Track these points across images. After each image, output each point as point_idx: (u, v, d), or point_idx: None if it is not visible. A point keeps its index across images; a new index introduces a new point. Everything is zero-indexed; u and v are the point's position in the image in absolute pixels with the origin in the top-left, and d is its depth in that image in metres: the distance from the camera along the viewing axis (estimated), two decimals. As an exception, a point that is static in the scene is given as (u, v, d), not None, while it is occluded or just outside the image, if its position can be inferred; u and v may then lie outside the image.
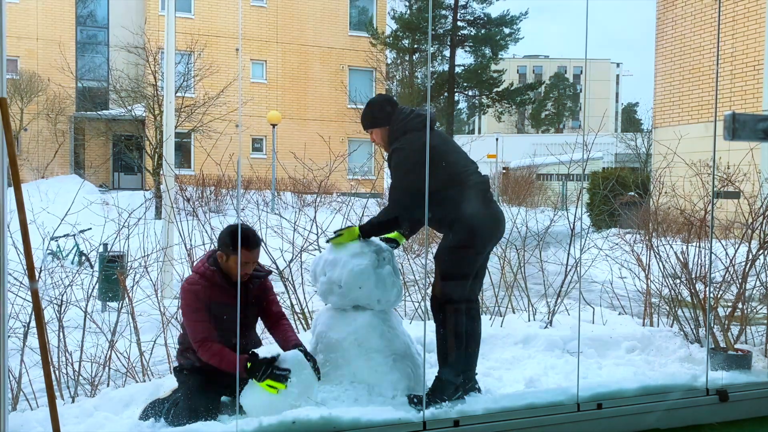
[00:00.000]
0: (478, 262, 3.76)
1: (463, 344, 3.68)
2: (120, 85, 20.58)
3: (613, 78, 55.93)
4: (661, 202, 6.79)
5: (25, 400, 4.19)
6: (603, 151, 28.27)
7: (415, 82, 28.76)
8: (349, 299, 3.75)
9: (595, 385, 3.84)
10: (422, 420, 3.30)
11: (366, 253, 3.72)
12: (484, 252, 3.82)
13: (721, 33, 13.53)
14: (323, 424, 3.18)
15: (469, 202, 3.69)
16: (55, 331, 4.40)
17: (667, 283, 5.60)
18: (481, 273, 3.87)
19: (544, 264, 6.15)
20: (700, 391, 3.89)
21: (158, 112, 18.78)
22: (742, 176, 6.17)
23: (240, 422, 3.16)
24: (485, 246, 3.80)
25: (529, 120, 53.18)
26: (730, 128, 2.77)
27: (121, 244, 5.19)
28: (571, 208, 6.62)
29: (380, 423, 3.25)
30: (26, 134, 21.88)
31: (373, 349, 3.67)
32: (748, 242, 5.31)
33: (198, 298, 3.52)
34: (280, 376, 3.37)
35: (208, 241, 5.17)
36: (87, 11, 25.87)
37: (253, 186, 21.22)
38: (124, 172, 25.27)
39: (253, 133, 25.26)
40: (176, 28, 10.18)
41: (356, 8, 28.76)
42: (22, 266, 3.65)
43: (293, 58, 26.52)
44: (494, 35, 29.16)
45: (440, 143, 3.78)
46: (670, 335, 5.28)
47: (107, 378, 4.47)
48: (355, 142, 23.48)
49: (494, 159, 26.19)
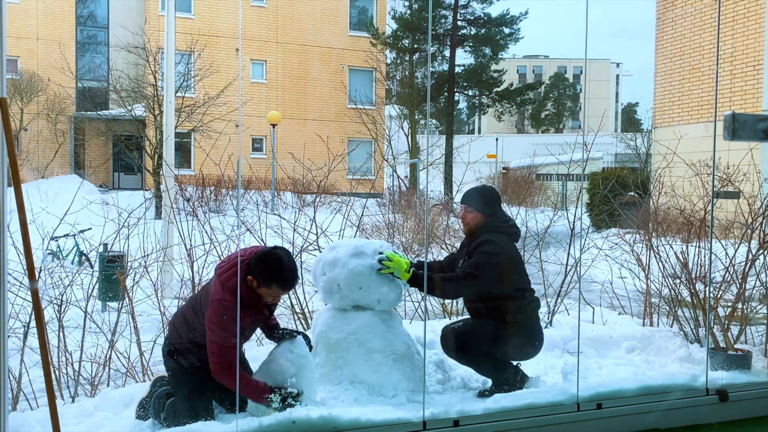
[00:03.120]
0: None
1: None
2: (120, 85, 20.56)
3: (613, 78, 55.93)
4: (661, 202, 6.78)
5: (25, 400, 4.18)
6: (603, 151, 28.27)
7: (415, 82, 28.75)
8: (349, 299, 3.75)
9: (595, 385, 3.84)
10: (422, 420, 3.30)
11: (366, 254, 3.72)
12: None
13: (721, 33, 13.53)
14: (323, 424, 3.18)
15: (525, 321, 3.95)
16: (55, 331, 4.40)
17: (667, 283, 5.60)
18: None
19: (544, 264, 6.15)
20: (700, 391, 3.89)
21: (158, 112, 18.76)
22: (742, 176, 6.16)
23: (240, 422, 3.16)
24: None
25: (529, 120, 53.17)
26: (730, 128, 2.77)
27: (121, 244, 5.19)
28: (571, 208, 6.62)
29: (380, 423, 3.25)
30: (26, 134, 21.87)
31: (374, 349, 3.67)
32: (748, 242, 5.31)
33: (233, 318, 3.28)
34: (294, 404, 3.34)
35: (208, 241, 5.17)
36: (87, 11, 25.85)
37: (253, 186, 21.21)
38: (124, 172, 25.25)
39: (253, 133, 25.25)
40: (176, 28, 10.17)
41: (356, 8, 28.74)
42: (22, 266, 3.65)
43: (293, 58, 26.50)
44: (494, 35, 29.15)
45: (518, 255, 4.14)
46: (670, 335, 5.28)
47: (107, 378, 4.47)
48: (355, 142, 23.51)
49: (494, 159, 26.20)
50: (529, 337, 3.92)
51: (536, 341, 3.98)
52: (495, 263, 3.83)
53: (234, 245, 5.25)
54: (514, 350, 3.87)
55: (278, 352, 3.50)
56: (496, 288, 3.84)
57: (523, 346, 3.91)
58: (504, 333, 3.84)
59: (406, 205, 14.20)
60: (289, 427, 3.16)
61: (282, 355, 3.47)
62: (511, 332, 3.84)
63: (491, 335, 3.82)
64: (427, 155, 24.52)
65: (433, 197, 18.43)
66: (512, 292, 3.88)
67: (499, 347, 3.83)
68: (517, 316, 3.87)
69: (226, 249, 5.19)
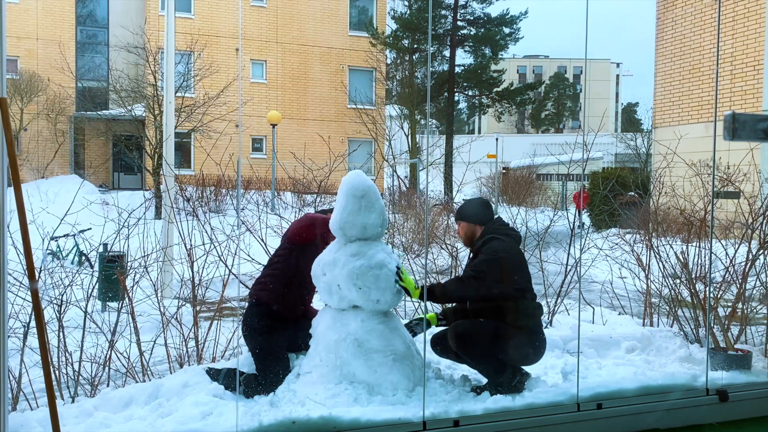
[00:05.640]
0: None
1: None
2: (120, 85, 20.56)
3: (613, 78, 55.96)
4: (661, 202, 6.78)
5: (25, 400, 4.18)
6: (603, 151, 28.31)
7: (415, 82, 28.75)
8: (348, 300, 3.75)
9: (595, 385, 3.84)
10: (422, 420, 3.30)
11: (366, 254, 3.72)
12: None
13: (721, 33, 13.54)
14: (323, 424, 3.19)
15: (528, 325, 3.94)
16: (55, 331, 4.40)
17: (667, 283, 5.60)
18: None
19: (544, 264, 6.15)
20: (700, 391, 3.89)
21: (158, 112, 18.77)
22: (742, 176, 6.16)
23: (240, 422, 3.16)
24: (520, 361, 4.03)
25: (529, 120, 53.20)
26: (730, 128, 2.77)
27: (121, 244, 5.18)
28: (571, 208, 6.62)
29: (380, 423, 3.25)
30: (26, 134, 21.87)
31: (373, 350, 3.67)
32: (748, 242, 5.31)
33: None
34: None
35: (208, 241, 5.17)
36: (87, 11, 25.85)
37: (253, 186, 21.22)
38: (124, 172, 25.25)
39: (253, 133, 25.26)
40: (176, 28, 10.17)
41: (356, 8, 28.74)
42: (22, 266, 3.65)
43: (293, 58, 26.51)
44: (494, 35, 29.14)
45: (523, 256, 4.14)
46: (670, 335, 5.28)
47: (107, 378, 4.47)
48: (355, 142, 23.52)
49: (494, 159, 26.19)
50: (532, 340, 3.91)
51: (539, 345, 3.97)
52: (501, 259, 3.82)
53: (234, 245, 5.25)
54: (513, 351, 3.86)
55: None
56: (501, 286, 3.83)
57: (523, 348, 3.90)
58: (506, 334, 3.83)
59: (406, 205, 14.21)
60: (289, 427, 3.17)
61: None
62: (512, 333, 3.83)
63: (494, 335, 3.82)
64: (427, 155, 24.52)
65: (433, 197, 18.44)
66: (516, 294, 3.87)
67: (501, 347, 3.82)
68: (520, 318, 3.86)
69: (226, 249, 5.19)
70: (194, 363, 4.58)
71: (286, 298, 4.08)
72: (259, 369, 3.95)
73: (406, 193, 19.21)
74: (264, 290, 4.10)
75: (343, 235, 3.79)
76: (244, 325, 4.09)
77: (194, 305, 4.86)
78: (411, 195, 17.24)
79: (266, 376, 3.88)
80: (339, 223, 3.75)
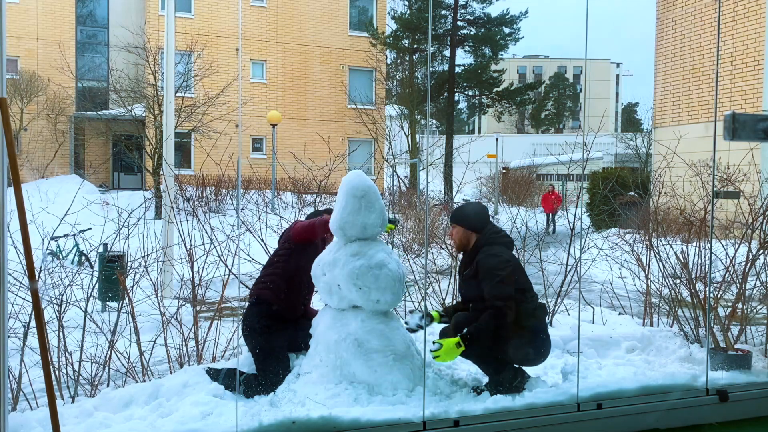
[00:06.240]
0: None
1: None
2: (120, 85, 20.57)
3: (613, 78, 55.97)
4: (661, 202, 6.78)
5: (25, 400, 4.18)
6: (603, 151, 28.32)
7: (415, 82, 28.75)
8: (348, 299, 3.75)
9: (595, 385, 3.84)
10: (422, 420, 3.30)
11: (366, 254, 3.72)
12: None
13: (721, 33, 13.54)
14: (323, 424, 3.18)
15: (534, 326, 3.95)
16: (55, 331, 4.40)
17: (667, 283, 5.60)
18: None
19: (544, 264, 6.15)
20: (700, 391, 3.89)
21: (158, 112, 18.77)
22: (742, 176, 6.16)
23: (240, 422, 3.16)
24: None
25: (529, 120, 53.21)
26: (730, 128, 2.77)
27: (121, 244, 5.18)
28: (571, 208, 6.62)
29: (380, 423, 3.25)
30: (26, 134, 21.88)
31: (373, 349, 3.67)
32: (748, 242, 5.31)
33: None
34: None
35: (208, 241, 5.17)
36: (87, 11, 25.85)
37: (253, 186, 21.22)
38: (124, 172, 25.26)
39: (253, 133, 25.26)
40: (176, 28, 10.17)
41: (356, 8, 28.74)
42: (22, 266, 3.65)
43: (293, 58, 26.51)
44: (494, 35, 29.14)
45: (518, 262, 4.18)
46: (670, 335, 5.27)
47: (107, 378, 4.47)
48: (355, 142, 23.52)
49: (494, 159, 26.21)
50: (535, 341, 3.90)
51: (541, 346, 3.97)
52: (507, 276, 3.82)
53: (234, 245, 5.25)
54: (514, 351, 3.86)
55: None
56: (518, 295, 3.86)
57: (526, 348, 3.89)
58: (513, 335, 3.82)
59: (406, 205, 14.21)
60: (289, 427, 3.17)
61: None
62: (519, 334, 3.82)
63: (500, 335, 3.81)
64: (427, 155, 24.52)
65: (433, 197, 18.44)
66: (519, 296, 3.87)
67: (506, 348, 3.81)
68: (526, 320, 3.85)
69: (226, 249, 5.19)
70: (194, 363, 4.57)
71: (286, 298, 4.08)
72: (259, 369, 3.95)
73: (406, 193, 19.22)
74: (264, 290, 4.10)
75: (343, 235, 3.79)
76: (244, 324, 4.09)
77: (194, 305, 4.86)
78: (411, 195, 17.25)
79: (266, 376, 3.88)
80: (339, 222, 3.75)
